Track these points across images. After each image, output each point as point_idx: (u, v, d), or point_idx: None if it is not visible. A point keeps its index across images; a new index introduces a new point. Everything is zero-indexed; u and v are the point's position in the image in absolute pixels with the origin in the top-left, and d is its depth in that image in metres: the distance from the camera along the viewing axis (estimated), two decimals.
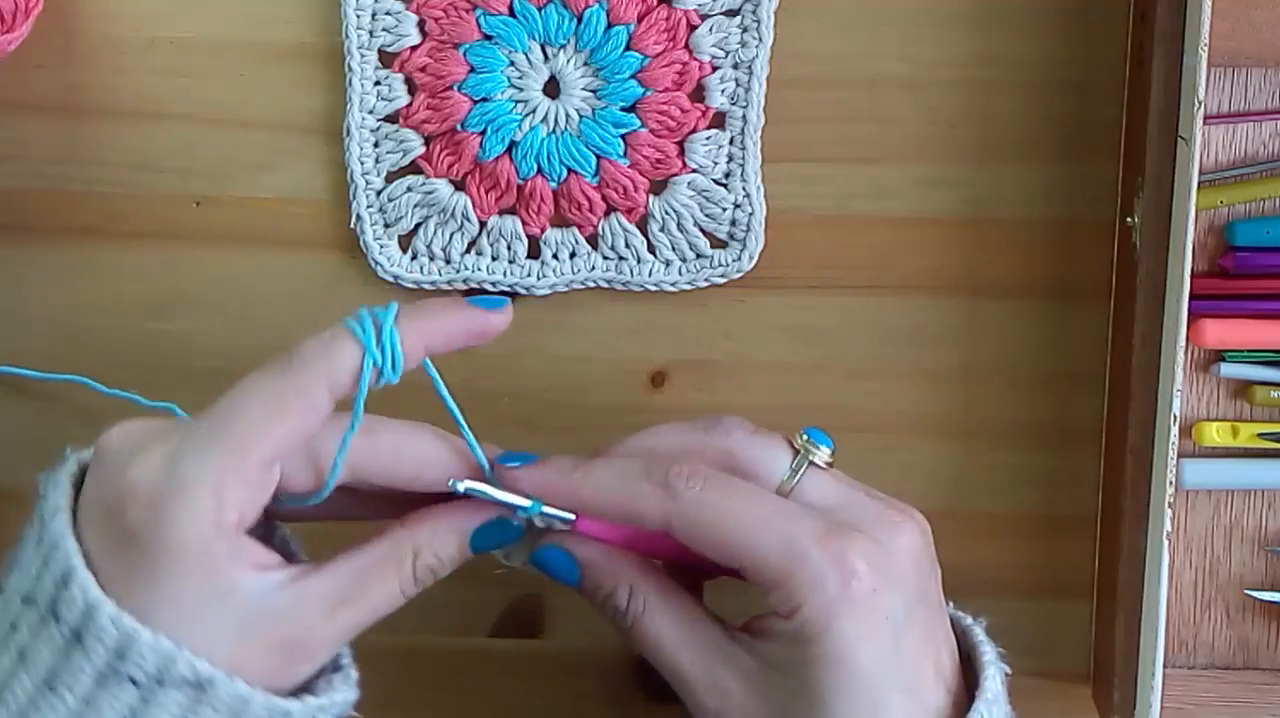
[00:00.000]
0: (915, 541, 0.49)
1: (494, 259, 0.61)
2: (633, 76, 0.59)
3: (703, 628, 0.50)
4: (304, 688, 0.48)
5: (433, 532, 0.49)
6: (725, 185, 0.60)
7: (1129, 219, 0.58)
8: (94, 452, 0.47)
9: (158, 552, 0.44)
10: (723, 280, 0.61)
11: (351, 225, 0.61)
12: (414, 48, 0.59)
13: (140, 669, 0.44)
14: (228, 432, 0.45)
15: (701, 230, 0.61)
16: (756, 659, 0.49)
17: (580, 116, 0.60)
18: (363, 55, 0.59)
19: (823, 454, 0.50)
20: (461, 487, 0.48)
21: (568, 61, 0.59)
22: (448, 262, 0.61)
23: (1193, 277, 0.55)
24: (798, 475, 0.50)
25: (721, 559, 0.48)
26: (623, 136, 0.60)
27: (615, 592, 0.50)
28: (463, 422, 0.50)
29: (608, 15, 0.59)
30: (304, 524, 0.50)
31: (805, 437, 0.50)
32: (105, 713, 0.44)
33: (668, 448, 0.51)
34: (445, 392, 0.50)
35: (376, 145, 0.60)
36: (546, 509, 0.49)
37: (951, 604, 0.52)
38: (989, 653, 0.51)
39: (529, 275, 0.61)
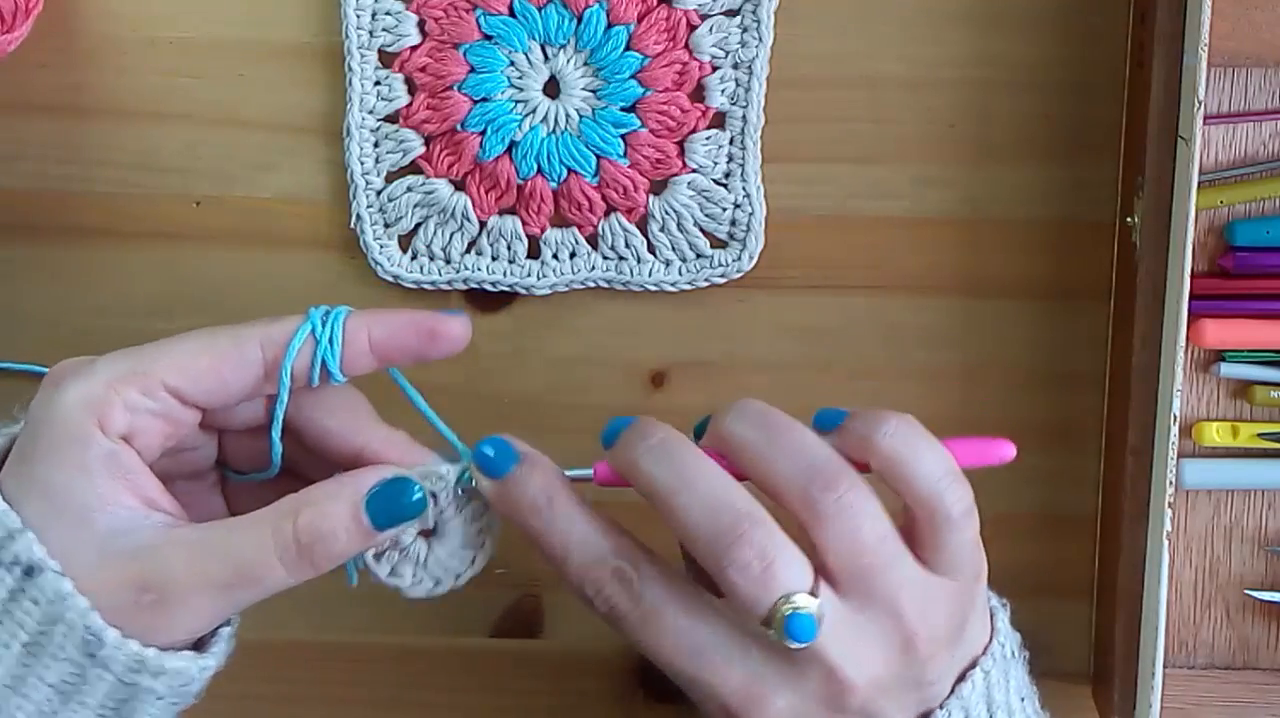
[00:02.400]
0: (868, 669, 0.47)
1: (494, 259, 0.61)
2: (633, 76, 0.59)
3: (703, 611, 0.48)
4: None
5: (320, 489, 0.47)
6: (725, 185, 0.60)
7: (1129, 219, 0.58)
8: None
9: (40, 426, 0.46)
10: (723, 280, 0.61)
11: (351, 225, 0.61)
12: (414, 48, 0.59)
13: None
14: (152, 349, 0.47)
15: (701, 230, 0.61)
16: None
17: (580, 116, 0.60)
18: (363, 55, 0.59)
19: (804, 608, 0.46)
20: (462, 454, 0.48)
21: (568, 61, 0.59)
22: (448, 262, 0.61)
23: (1193, 277, 0.55)
24: (770, 627, 0.46)
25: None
26: (623, 136, 0.60)
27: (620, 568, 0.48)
28: (429, 411, 0.50)
29: (608, 15, 0.59)
30: None
31: (781, 616, 0.46)
32: None
33: (777, 472, 0.47)
34: (407, 386, 0.50)
35: (376, 145, 0.60)
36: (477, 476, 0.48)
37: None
38: (996, 647, 0.50)
39: (529, 275, 0.61)
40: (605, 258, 0.61)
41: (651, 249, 0.61)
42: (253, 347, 0.47)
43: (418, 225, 0.61)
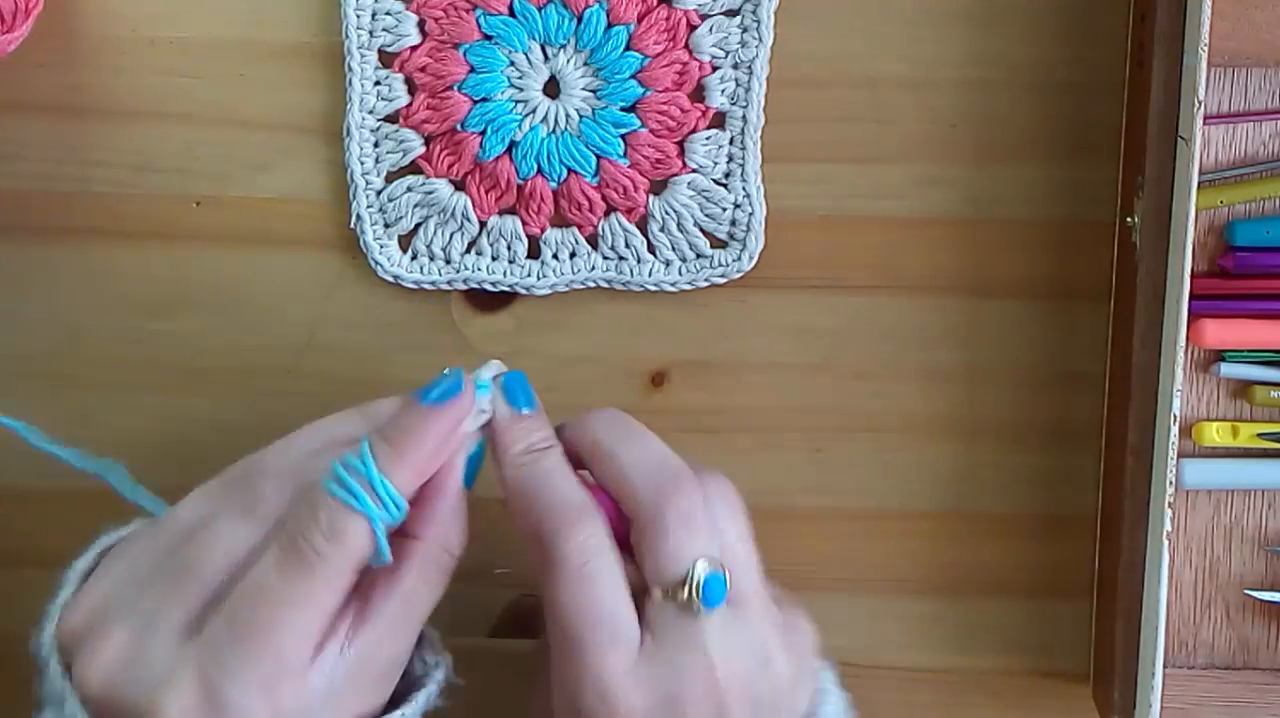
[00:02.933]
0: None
1: (494, 259, 0.61)
2: (633, 76, 0.59)
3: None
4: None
5: (445, 523, 0.49)
6: (725, 185, 0.60)
7: (1129, 219, 0.58)
8: (88, 694, 0.45)
9: None
10: (723, 280, 0.61)
11: (351, 225, 0.61)
12: (414, 48, 0.59)
13: None
14: (261, 644, 0.44)
15: (701, 230, 0.61)
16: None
17: (580, 116, 0.60)
18: (363, 55, 0.59)
19: (697, 609, 0.48)
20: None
21: (568, 61, 0.59)
22: (448, 262, 0.61)
23: (1193, 277, 0.55)
24: (651, 598, 0.48)
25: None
26: (623, 136, 0.60)
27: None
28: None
29: (608, 15, 0.59)
30: None
31: (702, 584, 0.48)
32: None
33: (624, 468, 0.50)
34: None
35: (376, 145, 0.60)
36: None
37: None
38: (830, 704, 0.51)
39: (529, 275, 0.61)
40: (605, 258, 0.61)
41: (651, 249, 0.61)
42: (346, 578, 0.46)
43: (418, 225, 0.61)
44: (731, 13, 0.59)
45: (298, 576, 0.45)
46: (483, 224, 0.61)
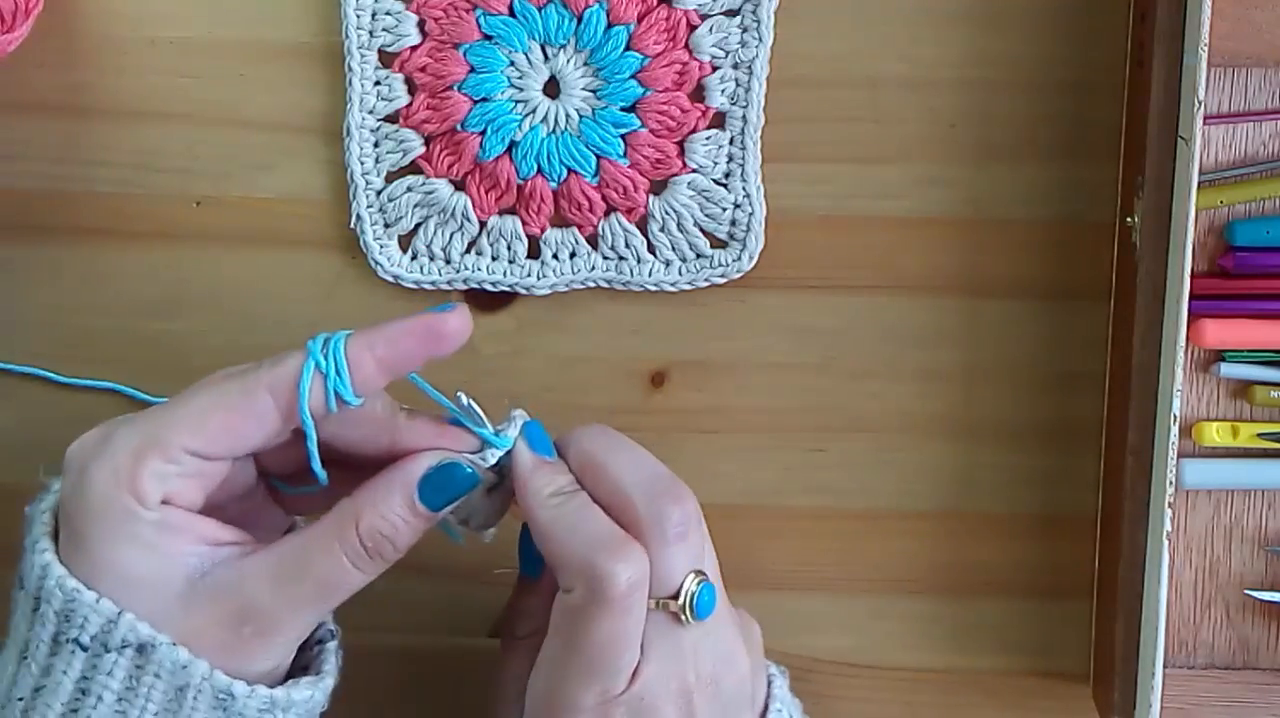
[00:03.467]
0: None
1: (494, 259, 0.61)
2: (633, 76, 0.59)
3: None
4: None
5: (371, 492, 0.49)
6: (725, 185, 0.60)
7: (1129, 219, 0.58)
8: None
9: (82, 514, 0.46)
10: (723, 280, 0.61)
11: (351, 225, 0.61)
12: (414, 48, 0.59)
13: (85, 632, 0.45)
14: (164, 415, 0.47)
15: (701, 230, 0.61)
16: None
17: (580, 116, 0.60)
18: (363, 55, 0.59)
19: (688, 618, 0.49)
20: (464, 398, 0.50)
21: (568, 61, 0.59)
22: (448, 262, 0.61)
23: (1193, 277, 0.55)
24: (678, 597, 0.49)
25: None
26: (623, 136, 0.60)
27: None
28: (449, 404, 0.51)
29: (608, 15, 0.59)
30: None
31: (696, 596, 0.49)
32: (60, 680, 0.45)
33: (620, 483, 0.50)
34: (426, 386, 0.51)
35: (376, 145, 0.60)
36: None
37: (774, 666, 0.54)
38: (775, 711, 0.52)
39: (529, 275, 0.61)
40: (605, 258, 0.61)
41: (651, 249, 0.61)
42: (262, 395, 0.47)
43: (418, 225, 0.61)
44: (731, 13, 0.59)
45: (230, 375, 0.48)
46: (483, 224, 0.61)
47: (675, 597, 0.48)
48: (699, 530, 0.50)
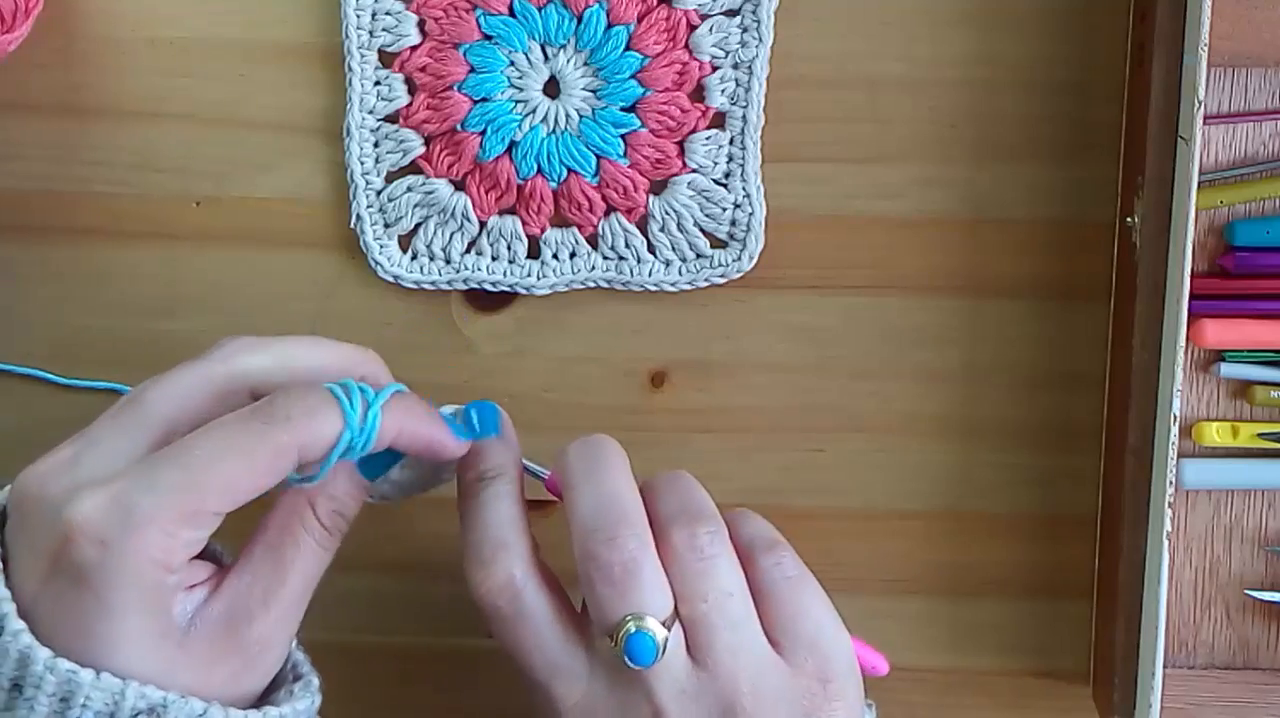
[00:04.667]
0: None
1: (494, 259, 0.61)
2: (633, 76, 0.59)
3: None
4: (265, 698, 0.48)
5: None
6: (725, 185, 0.60)
7: (1129, 219, 0.58)
8: (12, 500, 0.46)
9: (108, 588, 0.43)
10: (723, 280, 0.61)
11: (351, 225, 0.61)
12: (414, 48, 0.59)
13: (89, 711, 0.43)
14: (191, 474, 0.44)
15: (701, 230, 0.61)
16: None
17: (580, 116, 0.60)
18: (363, 55, 0.59)
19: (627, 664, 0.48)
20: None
21: (568, 61, 0.59)
22: (448, 262, 0.61)
23: (1193, 277, 0.55)
24: (614, 640, 0.48)
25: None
26: (623, 136, 0.60)
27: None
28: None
29: (608, 15, 0.59)
30: None
31: (625, 641, 0.47)
32: None
33: (572, 507, 0.50)
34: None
35: (376, 145, 0.60)
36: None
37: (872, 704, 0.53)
38: None
39: (529, 275, 0.61)
40: (605, 258, 0.61)
41: (651, 249, 0.61)
42: (292, 455, 0.45)
43: (418, 225, 0.61)
44: (731, 13, 0.59)
45: (256, 424, 0.45)
46: (483, 224, 0.61)
47: (611, 636, 0.48)
48: (647, 573, 0.48)
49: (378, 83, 0.60)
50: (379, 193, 0.60)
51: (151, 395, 0.47)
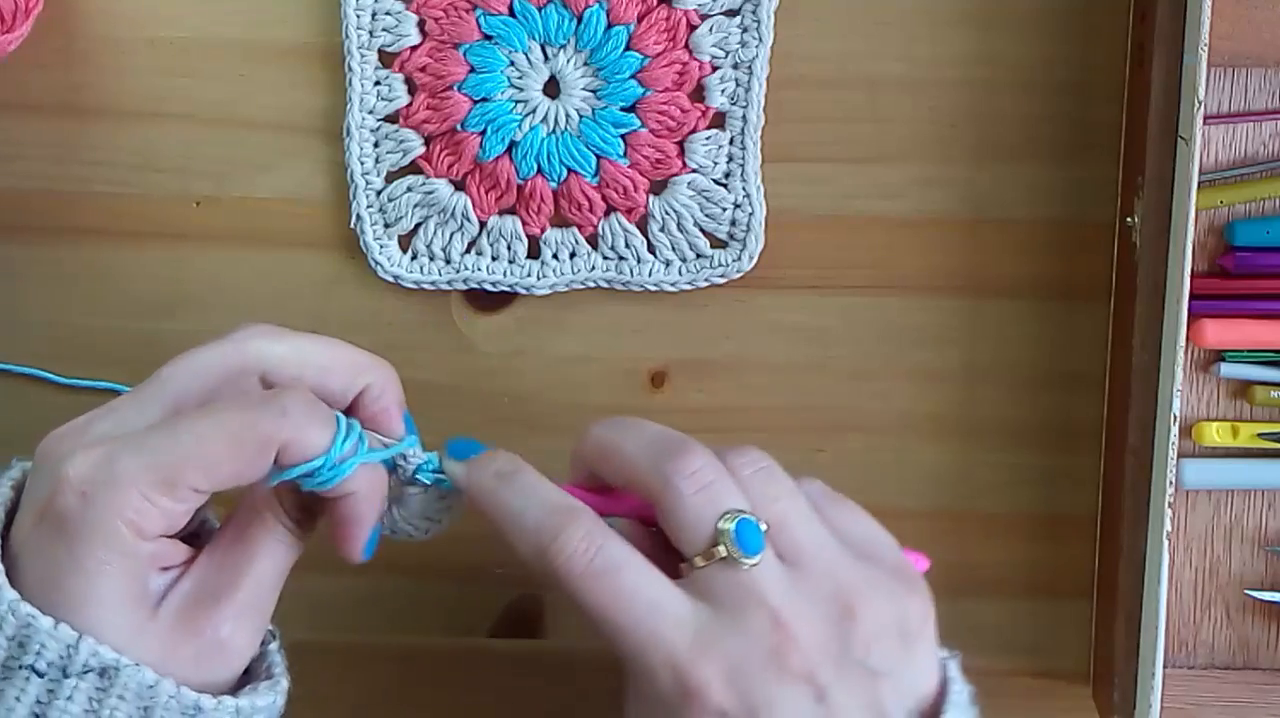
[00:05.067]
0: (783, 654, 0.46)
1: (494, 259, 0.61)
2: (633, 76, 0.59)
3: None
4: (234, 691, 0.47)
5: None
6: (725, 185, 0.60)
7: (1129, 219, 0.58)
8: (33, 461, 0.47)
9: (82, 540, 0.44)
10: (723, 280, 0.61)
11: (351, 225, 0.61)
12: (414, 48, 0.59)
13: (42, 659, 0.44)
14: (174, 446, 0.45)
15: (701, 230, 0.61)
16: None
17: (580, 116, 0.60)
18: (363, 55, 0.59)
19: (735, 555, 0.46)
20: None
21: (568, 61, 0.59)
22: (448, 262, 0.61)
23: (1193, 277, 0.55)
24: (694, 568, 0.47)
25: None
26: (623, 136, 0.60)
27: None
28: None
29: (608, 15, 0.59)
30: None
31: (731, 533, 0.46)
32: (13, 707, 0.44)
33: (625, 456, 0.49)
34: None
35: (376, 145, 0.60)
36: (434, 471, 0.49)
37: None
38: (956, 692, 0.49)
39: (529, 275, 0.61)
40: (605, 258, 0.61)
41: (651, 249, 0.61)
42: (272, 452, 0.46)
43: (418, 225, 0.61)
44: (731, 13, 0.59)
45: (249, 415, 0.45)
46: (483, 224, 0.61)
47: (715, 545, 0.46)
48: (726, 476, 0.47)
49: (378, 83, 0.60)
50: (379, 193, 0.60)
51: (167, 372, 0.48)
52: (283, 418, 0.45)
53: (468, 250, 0.61)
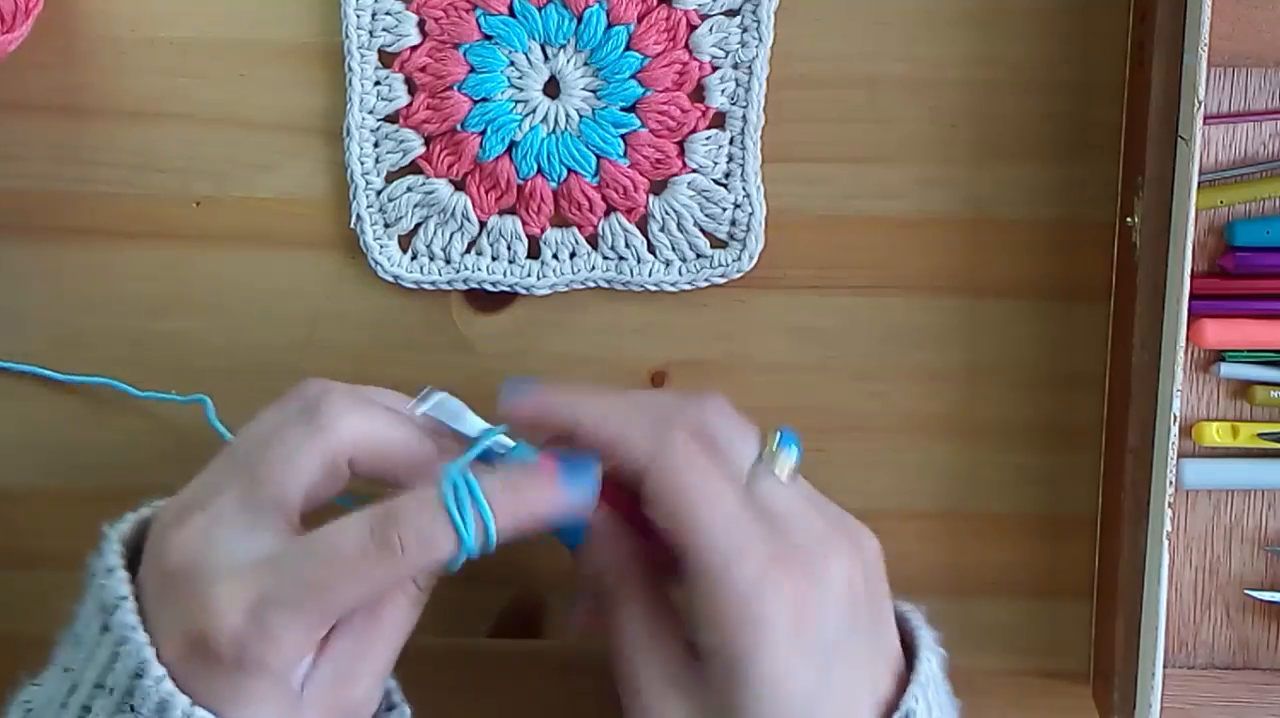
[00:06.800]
0: (854, 567, 0.49)
1: (494, 259, 0.61)
2: (633, 76, 0.59)
3: (666, 640, 0.49)
4: None
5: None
6: (725, 185, 0.60)
7: (1129, 219, 0.58)
8: (152, 536, 0.48)
9: (243, 677, 0.46)
10: (723, 280, 0.61)
11: (351, 225, 0.61)
12: (414, 48, 0.59)
13: None
14: (317, 594, 0.46)
15: (701, 230, 0.61)
16: (699, 680, 0.48)
17: (580, 116, 0.60)
18: (363, 55, 0.59)
19: (789, 461, 0.51)
20: (419, 409, 0.49)
21: (568, 61, 0.59)
22: (448, 262, 0.61)
23: (1193, 277, 0.55)
24: (758, 477, 0.50)
25: (669, 532, 0.48)
26: (623, 136, 0.60)
27: (606, 571, 0.50)
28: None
29: (608, 15, 0.59)
30: None
31: (777, 438, 0.51)
32: None
33: (646, 409, 0.51)
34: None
35: (376, 145, 0.60)
36: (504, 440, 0.49)
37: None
38: (925, 638, 0.51)
39: (529, 275, 0.61)
40: (605, 258, 0.61)
41: (651, 249, 0.61)
42: (411, 583, 0.48)
43: (418, 225, 0.61)
44: (731, 13, 0.59)
45: (373, 555, 0.46)
46: (483, 224, 0.61)
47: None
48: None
49: (378, 83, 0.60)
50: (379, 193, 0.60)
51: (266, 473, 0.48)
52: (404, 556, 0.46)
53: (468, 250, 0.61)
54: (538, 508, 0.48)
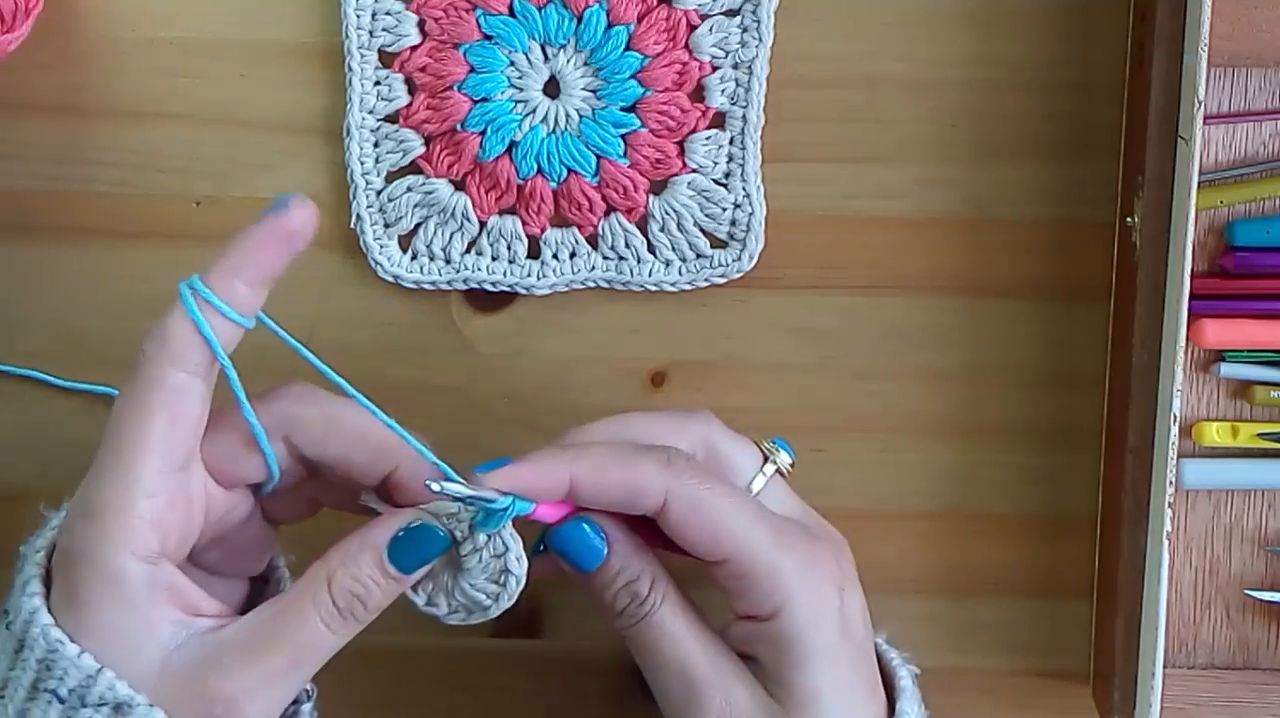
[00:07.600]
0: (852, 557, 0.52)
1: (494, 259, 0.61)
2: (633, 76, 0.59)
3: (711, 631, 0.50)
4: None
5: (343, 553, 0.47)
6: (725, 185, 0.60)
7: (1129, 219, 0.58)
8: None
9: (80, 575, 0.45)
10: (723, 280, 0.61)
11: (351, 225, 0.61)
12: (414, 48, 0.59)
13: (63, 684, 0.45)
14: (114, 450, 0.46)
15: (701, 230, 0.61)
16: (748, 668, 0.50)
17: (580, 116, 0.60)
18: (363, 55, 0.59)
19: (785, 462, 0.53)
20: (435, 485, 0.46)
21: (568, 61, 0.59)
22: (448, 262, 0.61)
23: (1193, 277, 0.55)
24: (766, 479, 0.52)
25: (706, 547, 0.48)
26: (623, 136, 0.60)
27: (639, 579, 0.49)
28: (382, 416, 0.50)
29: (608, 15, 0.59)
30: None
31: (772, 443, 0.53)
32: None
33: (641, 435, 0.51)
34: (298, 346, 0.51)
35: (376, 145, 0.60)
36: (519, 502, 0.47)
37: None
38: (896, 657, 0.54)
39: (529, 275, 0.61)
40: (605, 258, 0.61)
41: (651, 249, 0.61)
42: (171, 376, 0.47)
43: (418, 225, 0.61)
44: (731, 13, 0.59)
45: (130, 379, 0.47)
46: (483, 224, 0.61)
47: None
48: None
49: (378, 83, 0.60)
50: (379, 193, 0.60)
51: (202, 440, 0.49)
52: (145, 358, 0.47)
53: (468, 250, 0.61)
54: (238, 243, 0.49)
